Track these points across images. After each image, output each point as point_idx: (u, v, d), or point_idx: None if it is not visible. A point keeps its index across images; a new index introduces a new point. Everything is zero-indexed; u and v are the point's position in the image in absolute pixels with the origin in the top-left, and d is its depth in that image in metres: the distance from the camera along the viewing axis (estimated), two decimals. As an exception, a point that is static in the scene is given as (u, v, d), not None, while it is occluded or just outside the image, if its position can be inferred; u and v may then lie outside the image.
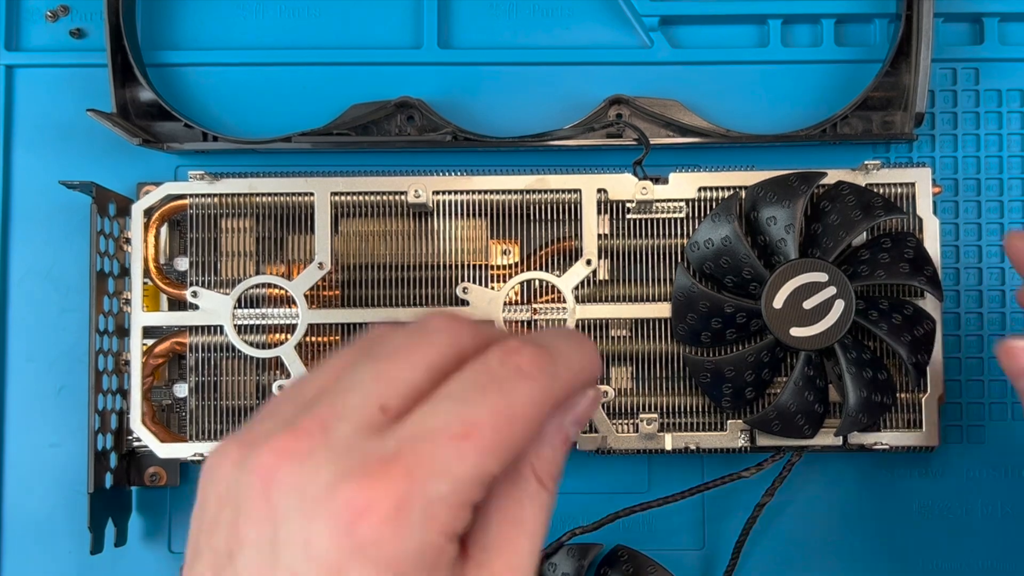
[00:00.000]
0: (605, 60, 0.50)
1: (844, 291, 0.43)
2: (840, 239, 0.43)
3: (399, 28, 0.51)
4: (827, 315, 0.43)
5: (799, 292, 0.43)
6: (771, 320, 0.43)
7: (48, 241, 0.49)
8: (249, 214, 0.46)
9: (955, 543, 0.48)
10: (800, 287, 0.43)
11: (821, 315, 0.43)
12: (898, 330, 0.43)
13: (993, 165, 0.49)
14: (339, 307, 0.45)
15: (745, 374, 0.43)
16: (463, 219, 0.46)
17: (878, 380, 0.43)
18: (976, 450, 0.49)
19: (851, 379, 0.42)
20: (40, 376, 0.49)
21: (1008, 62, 0.49)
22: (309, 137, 0.47)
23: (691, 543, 0.49)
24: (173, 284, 0.46)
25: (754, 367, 0.43)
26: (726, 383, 0.43)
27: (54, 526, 0.48)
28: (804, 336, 0.43)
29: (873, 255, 0.43)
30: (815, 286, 0.43)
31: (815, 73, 0.50)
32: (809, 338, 0.43)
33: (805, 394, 0.43)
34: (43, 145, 0.50)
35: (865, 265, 0.43)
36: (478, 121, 0.49)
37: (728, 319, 0.43)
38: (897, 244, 0.44)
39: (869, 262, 0.43)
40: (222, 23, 0.51)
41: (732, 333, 0.44)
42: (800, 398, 0.43)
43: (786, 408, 0.43)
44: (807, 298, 0.43)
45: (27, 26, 0.51)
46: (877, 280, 0.43)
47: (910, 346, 0.43)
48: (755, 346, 0.43)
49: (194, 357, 0.45)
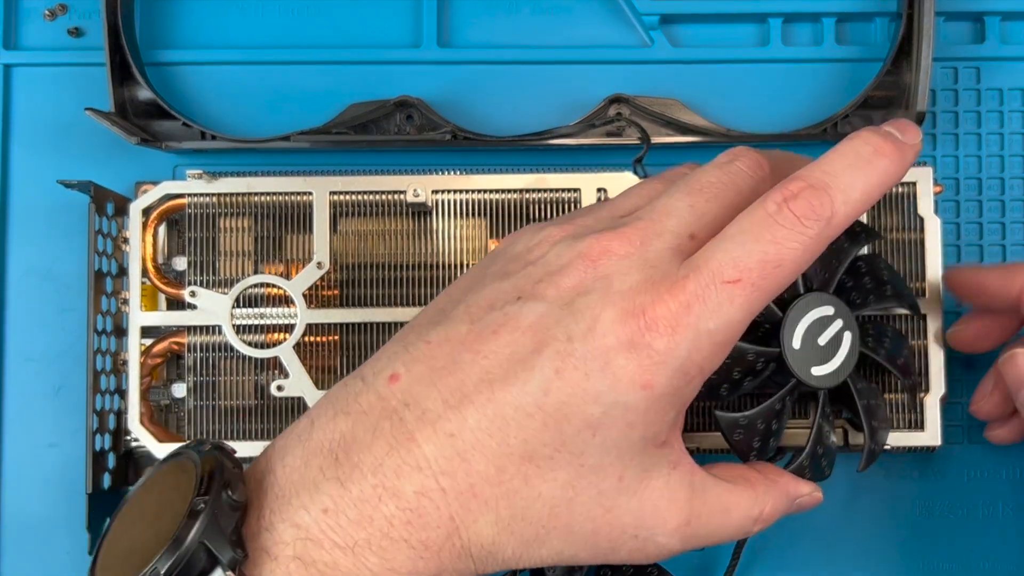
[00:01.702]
0: (605, 59, 0.50)
1: (849, 323, 0.40)
2: (835, 269, 0.41)
3: (398, 27, 0.50)
4: (839, 349, 0.40)
5: (812, 329, 0.40)
6: (795, 362, 0.39)
7: (46, 240, 0.49)
8: (247, 213, 0.46)
9: (955, 543, 0.48)
10: (812, 323, 0.40)
11: (834, 350, 0.40)
12: (892, 355, 0.42)
13: (994, 164, 0.49)
14: (338, 307, 0.45)
15: (771, 423, 0.41)
16: (462, 218, 0.46)
17: (881, 408, 0.42)
18: (976, 450, 0.48)
19: (865, 411, 0.41)
20: (38, 376, 0.49)
21: (1009, 61, 0.49)
22: (308, 136, 0.47)
23: (691, 543, 0.48)
24: (171, 284, 0.46)
25: (779, 415, 0.41)
26: (757, 437, 0.41)
27: (52, 527, 0.48)
28: (825, 374, 0.40)
29: (856, 281, 0.42)
30: (825, 321, 0.40)
31: (816, 72, 0.50)
32: (828, 375, 0.40)
33: (830, 436, 0.41)
34: (41, 144, 0.50)
35: (855, 292, 0.42)
36: (477, 120, 0.49)
37: (749, 368, 0.40)
38: (871, 267, 0.43)
39: (857, 289, 0.42)
40: (220, 22, 0.51)
41: (749, 380, 0.40)
42: (827, 441, 0.41)
43: (814, 453, 0.41)
44: (819, 334, 0.40)
45: (25, 25, 0.50)
46: (870, 307, 0.42)
47: (902, 369, 0.42)
48: (780, 393, 0.40)
49: (192, 357, 0.45)
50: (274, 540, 0.32)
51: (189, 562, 0.30)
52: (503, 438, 0.31)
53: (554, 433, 0.31)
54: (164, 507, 0.32)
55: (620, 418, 0.32)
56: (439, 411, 0.32)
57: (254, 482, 0.33)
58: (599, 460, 0.32)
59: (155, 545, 0.31)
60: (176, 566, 0.30)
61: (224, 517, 0.31)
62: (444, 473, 0.31)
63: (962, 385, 0.48)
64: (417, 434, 0.32)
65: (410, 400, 0.32)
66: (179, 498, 0.32)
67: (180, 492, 0.32)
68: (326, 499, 0.32)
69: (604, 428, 0.32)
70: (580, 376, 0.31)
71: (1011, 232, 0.49)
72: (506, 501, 0.32)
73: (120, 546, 0.33)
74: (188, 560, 0.30)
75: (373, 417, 0.33)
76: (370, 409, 0.33)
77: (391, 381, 0.33)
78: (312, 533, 0.31)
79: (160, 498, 0.33)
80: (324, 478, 0.32)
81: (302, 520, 0.32)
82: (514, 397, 0.31)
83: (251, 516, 0.32)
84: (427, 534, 0.32)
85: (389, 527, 0.31)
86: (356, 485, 0.32)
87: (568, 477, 0.32)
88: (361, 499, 0.31)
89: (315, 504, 0.32)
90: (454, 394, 0.32)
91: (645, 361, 0.31)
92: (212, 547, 0.30)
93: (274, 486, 0.33)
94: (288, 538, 0.31)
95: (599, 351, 0.31)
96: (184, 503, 0.31)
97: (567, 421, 0.31)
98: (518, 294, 0.33)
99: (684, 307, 0.31)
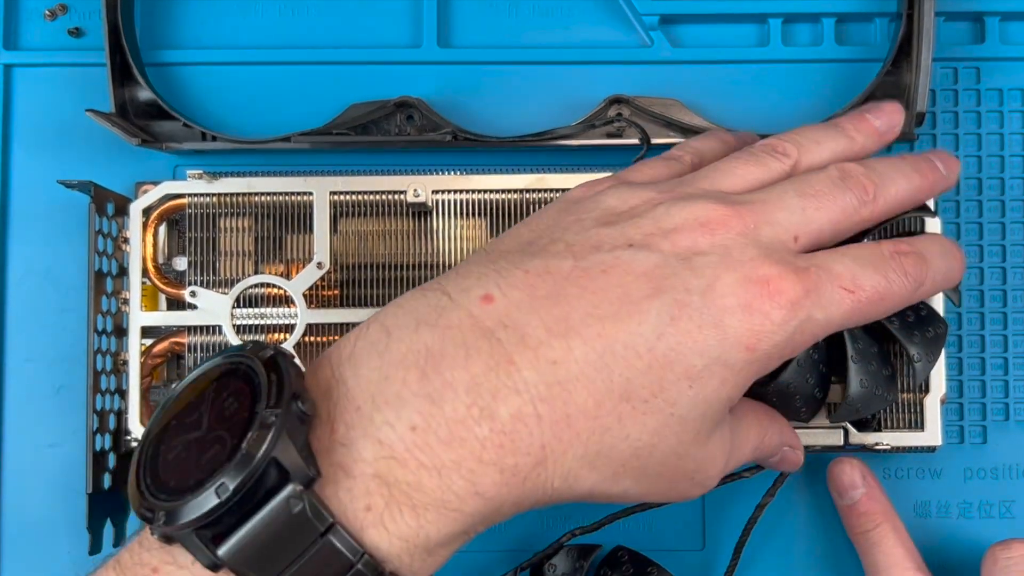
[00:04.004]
0: (605, 59, 0.50)
1: None
2: None
3: (398, 27, 0.50)
4: None
5: None
6: None
7: (47, 240, 0.49)
8: (248, 214, 0.46)
9: (954, 543, 0.48)
10: None
11: None
12: (910, 328, 0.42)
13: (994, 164, 0.49)
14: (338, 307, 0.45)
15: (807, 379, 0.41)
16: (463, 218, 0.46)
17: (882, 374, 0.43)
18: (976, 450, 0.48)
19: (855, 368, 0.42)
20: (39, 376, 0.49)
21: (1009, 61, 0.49)
22: (308, 137, 0.47)
23: (691, 543, 0.49)
24: (171, 284, 0.46)
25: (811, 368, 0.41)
26: (795, 397, 0.41)
27: (52, 526, 0.48)
28: None
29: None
30: None
31: (816, 72, 0.50)
32: None
33: (807, 376, 0.42)
34: (41, 144, 0.50)
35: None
36: (478, 120, 0.49)
37: None
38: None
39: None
40: (221, 22, 0.51)
41: None
42: (801, 379, 0.42)
43: (785, 387, 0.42)
44: None
45: (25, 25, 0.50)
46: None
47: (920, 346, 0.42)
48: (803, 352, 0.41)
49: (193, 357, 0.45)
50: (352, 457, 0.30)
51: (259, 479, 0.29)
52: (608, 374, 0.31)
53: (655, 378, 0.32)
54: (224, 415, 0.30)
55: (717, 374, 0.33)
56: (541, 337, 0.31)
57: (320, 392, 0.32)
58: (687, 412, 0.33)
59: (217, 457, 0.29)
60: (246, 483, 0.29)
61: (295, 431, 0.29)
62: (543, 399, 0.31)
63: (960, 385, 0.48)
64: (516, 357, 0.31)
65: (508, 323, 0.32)
66: (241, 406, 0.30)
67: (241, 400, 0.30)
68: (415, 416, 0.31)
69: (701, 381, 0.32)
70: (693, 327, 0.32)
71: (1011, 232, 0.49)
72: (597, 437, 0.32)
73: (173, 454, 0.31)
74: (259, 477, 0.29)
75: (465, 334, 0.32)
76: (460, 325, 0.32)
77: (484, 301, 0.32)
78: (397, 451, 0.30)
79: (218, 405, 0.31)
80: (411, 393, 0.31)
81: (386, 437, 0.30)
82: (626, 335, 0.32)
83: (320, 429, 0.31)
84: (517, 460, 0.31)
85: (481, 449, 0.31)
86: (449, 404, 0.31)
87: (656, 424, 0.32)
88: (454, 419, 0.30)
89: (401, 421, 0.30)
90: (559, 323, 0.32)
91: (756, 326, 0.33)
92: (283, 462, 0.29)
93: (347, 397, 0.31)
94: (369, 456, 0.30)
95: (715, 307, 0.32)
96: (245, 411, 0.30)
97: (670, 368, 0.32)
98: (628, 241, 0.33)
99: (805, 292, 0.33)
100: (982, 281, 0.49)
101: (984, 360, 0.49)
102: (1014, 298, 0.49)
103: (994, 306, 0.49)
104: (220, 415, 0.31)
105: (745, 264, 0.33)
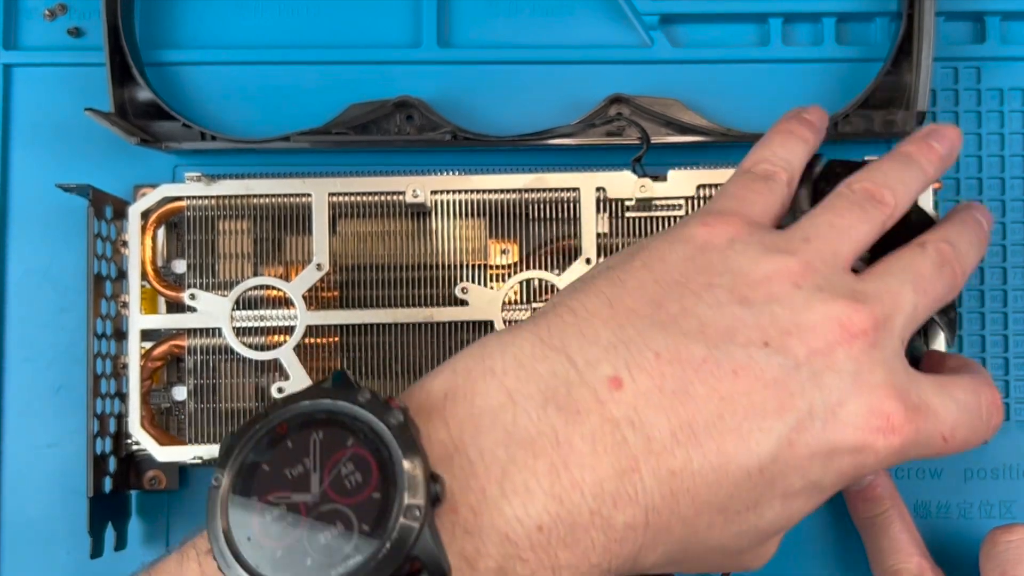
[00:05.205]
0: (605, 59, 0.50)
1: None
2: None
3: (398, 27, 0.50)
4: None
5: None
6: None
7: (46, 241, 0.49)
8: (246, 216, 0.46)
9: (954, 543, 0.48)
10: None
11: None
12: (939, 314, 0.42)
13: (994, 164, 0.49)
14: (338, 308, 0.45)
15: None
16: (462, 219, 0.46)
17: None
18: (976, 450, 0.48)
19: None
20: (38, 376, 0.49)
21: (1009, 61, 0.49)
22: (308, 136, 0.47)
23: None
24: (171, 286, 0.46)
25: None
26: None
27: (53, 529, 0.48)
28: None
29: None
30: None
31: (816, 72, 0.50)
32: None
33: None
34: (41, 144, 0.50)
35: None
36: (477, 120, 0.49)
37: None
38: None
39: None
40: (220, 22, 0.50)
41: None
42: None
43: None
44: None
45: (25, 24, 0.50)
46: None
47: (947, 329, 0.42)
48: None
49: (192, 360, 0.45)
50: (478, 549, 0.29)
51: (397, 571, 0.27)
52: (716, 489, 0.31)
53: (756, 494, 0.32)
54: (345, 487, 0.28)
55: (807, 494, 0.33)
56: (665, 443, 0.30)
57: (436, 456, 0.29)
58: (769, 525, 0.33)
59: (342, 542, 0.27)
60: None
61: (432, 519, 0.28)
62: (654, 509, 0.31)
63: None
64: (642, 463, 0.30)
65: (636, 419, 0.31)
66: (365, 480, 0.28)
67: (364, 471, 0.28)
68: (544, 515, 0.29)
69: (792, 499, 0.33)
70: (806, 453, 0.32)
71: (1011, 232, 0.49)
72: (685, 539, 0.32)
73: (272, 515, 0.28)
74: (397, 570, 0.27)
75: (593, 424, 0.30)
76: (587, 412, 0.30)
77: (613, 385, 0.31)
78: (522, 549, 0.29)
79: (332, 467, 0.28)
80: (539, 487, 0.29)
81: (514, 533, 0.29)
82: (742, 455, 0.31)
83: (441, 508, 0.29)
84: (618, 563, 0.31)
85: (591, 551, 0.30)
86: (575, 507, 0.30)
87: (739, 530, 0.32)
88: (574, 523, 0.30)
89: (531, 518, 0.29)
90: (683, 429, 0.31)
91: (861, 460, 0.33)
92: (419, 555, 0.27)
93: (471, 474, 0.29)
94: (494, 551, 0.29)
95: (833, 438, 0.32)
96: (375, 490, 0.27)
97: (771, 486, 0.32)
98: (764, 339, 0.32)
99: (915, 433, 0.33)
100: (982, 281, 0.49)
101: (984, 360, 0.48)
102: (1014, 298, 0.49)
103: (995, 306, 0.49)
104: (340, 485, 0.28)
105: (873, 391, 0.32)
